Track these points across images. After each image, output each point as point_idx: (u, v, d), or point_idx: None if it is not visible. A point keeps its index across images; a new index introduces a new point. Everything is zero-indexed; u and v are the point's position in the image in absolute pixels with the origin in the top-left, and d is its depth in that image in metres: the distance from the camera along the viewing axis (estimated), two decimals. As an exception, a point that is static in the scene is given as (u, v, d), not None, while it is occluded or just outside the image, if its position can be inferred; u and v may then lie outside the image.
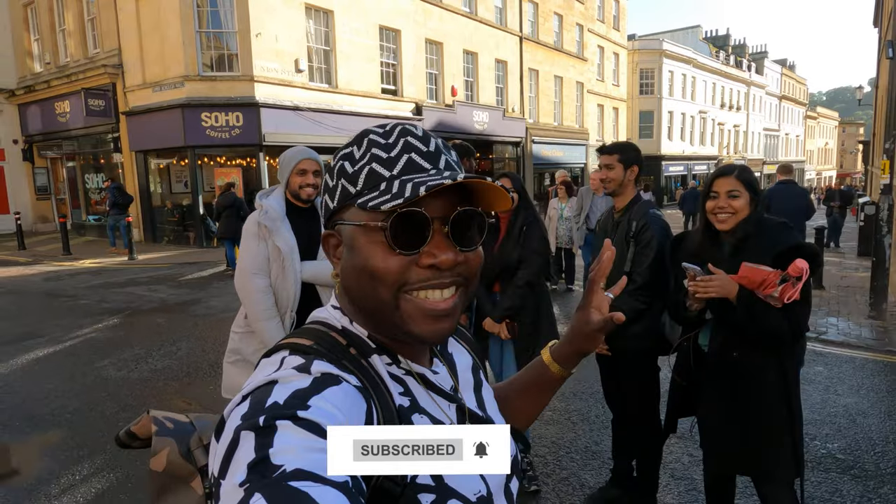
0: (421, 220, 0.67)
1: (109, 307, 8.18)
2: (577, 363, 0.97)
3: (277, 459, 0.52)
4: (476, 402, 0.84)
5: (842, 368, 5.25)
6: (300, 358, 0.66)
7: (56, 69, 17.66)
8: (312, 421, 0.56)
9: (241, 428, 0.56)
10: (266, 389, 0.60)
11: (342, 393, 0.62)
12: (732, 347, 2.21)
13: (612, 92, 32.51)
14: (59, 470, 3.58)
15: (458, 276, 0.71)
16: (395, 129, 0.74)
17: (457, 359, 0.88)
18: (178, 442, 0.78)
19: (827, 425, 4.05)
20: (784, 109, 56.71)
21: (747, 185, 2.17)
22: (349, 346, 0.72)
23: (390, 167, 0.71)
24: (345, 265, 0.73)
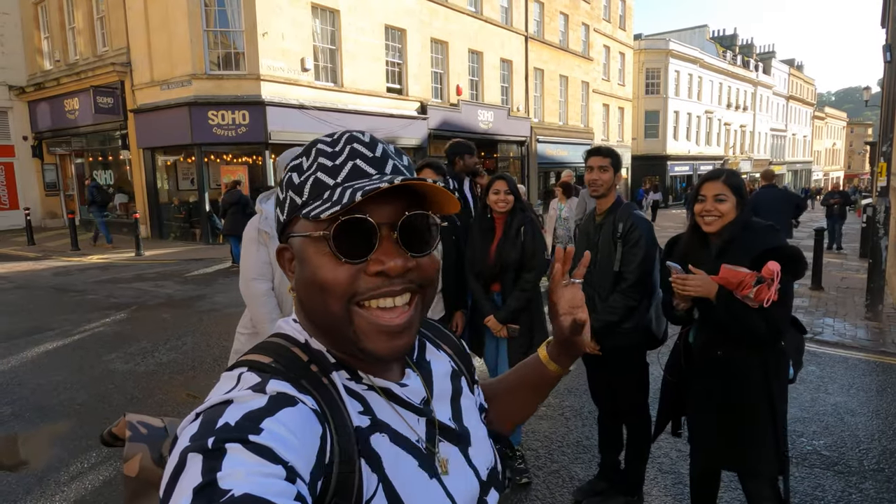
0: (366, 228, 0.66)
1: (117, 302, 8.33)
2: (572, 362, 0.96)
3: (225, 483, 0.51)
4: (451, 413, 0.82)
5: (834, 368, 5.33)
6: (257, 376, 0.64)
7: (66, 67, 17.87)
8: (264, 446, 0.55)
9: (189, 450, 0.54)
10: (219, 409, 0.59)
11: (298, 415, 0.60)
12: (716, 346, 2.31)
13: (618, 91, 32.50)
14: (68, 458, 3.71)
15: (411, 283, 0.69)
16: (342, 136, 0.73)
17: (434, 367, 0.85)
18: (151, 448, 0.78)
19: (815, 423, 4.14)
20: (791, 109, 56.45)
21: (734, 190, 2.25)
22: (310, 362, 0.70)
23: (335, 175, 0.69)
24: (297, 278, 0.71)
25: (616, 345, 2.94)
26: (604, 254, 2.99)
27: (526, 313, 3.26)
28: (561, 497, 3.22)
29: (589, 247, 3.08)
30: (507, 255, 3.25)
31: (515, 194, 3.33)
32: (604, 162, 2.98)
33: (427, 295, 0.73)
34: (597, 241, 3.03)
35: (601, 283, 2.99)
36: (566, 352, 0.93)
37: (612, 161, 3.00)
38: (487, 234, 3.35)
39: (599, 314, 2.95)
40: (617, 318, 2.89)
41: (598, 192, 3.01)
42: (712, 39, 47.15)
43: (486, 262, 3.30)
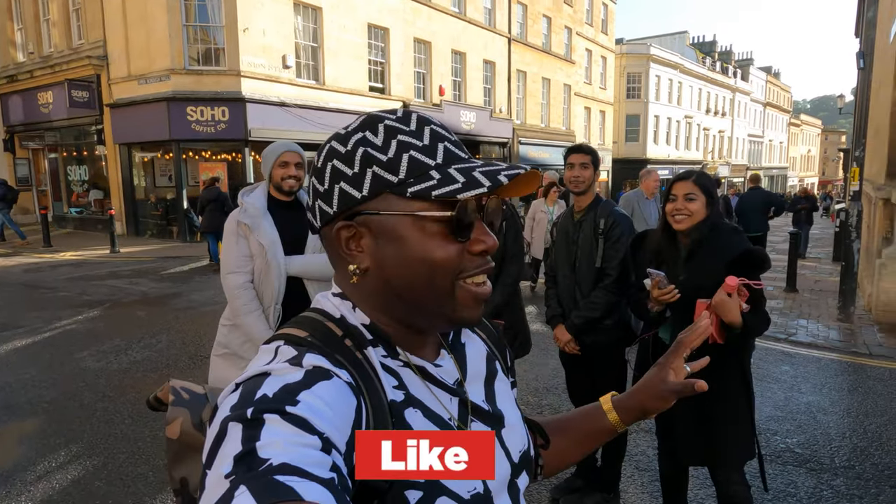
0: (472, 209, 0.70)
1: (90, 299, 8.16)
2: (636, 420, 0.95)
3: (264, 453, 0.52)
4: (485, 395, 0.83)
5: (807, 368, 5.42)
6: (293, 350, 0.66)
7: (39, 59, 17.49)
8: (300, 416, 0.56)
9: (230, 419, 0.56)
10: (257, 381, 0.60)
11: (333, 388, 0.62)
12: None
13: (600, 95, 32.79)
14: (35, 457, 3.61)
15: (491, 263, 0.76)
16: (410, 115, 0.74)
17: (469, 349, 0.86)
18: (192, 412, 0.82)
19: (788, 421, 4.20)
20: (768, 116, 57.52)
21: (703, 189, 2.29)
22: (344, 337, 0.71)
23: (431, 156, 0.71)
24: (381, 257, 0.71)
25: (597, 341, 2.95)
26: (584, 251, 3.00)
27: (508, 309, 3.25)
28: (538, 495, 3.21)
29: (568, 244, 3.09)
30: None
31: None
32: (584, 159, 3.00)
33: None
34: (577, 238, 3.05)
35: (582, 280, 3.00)
36: (643, 404, 0.93)
37: (593, 158, 3.02)
38: None
39: (581, 310, 2.96)
40: (599, 313, 2.91)
41: (579, 188, 3.02)
42: (692, 45, 47.85)
43: None
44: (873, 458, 3.63)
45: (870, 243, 8.84)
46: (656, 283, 2.26)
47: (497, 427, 0.81)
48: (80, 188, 18.01)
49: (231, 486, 0.51)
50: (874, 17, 7.15)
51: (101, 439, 3.83)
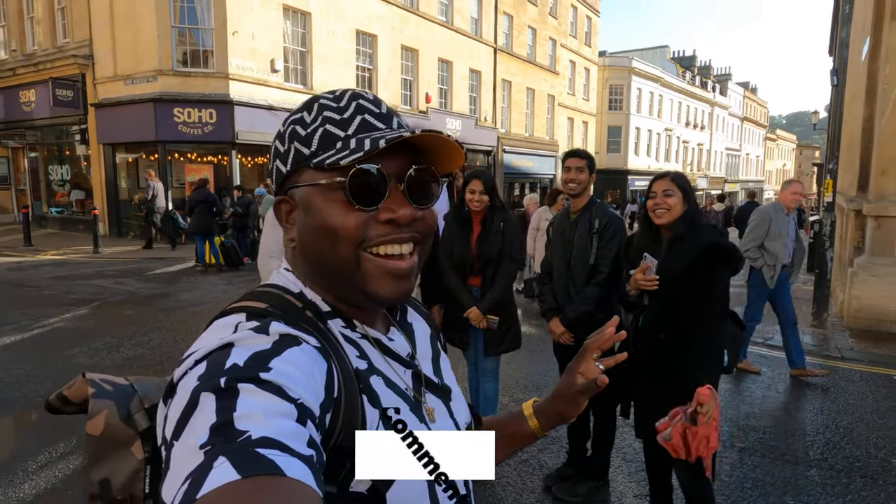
0: (378, 177, 0.69)
1: (76, 298, 8.12)
2: (555, 425, 0.97)
3: (242, 424, 0.50)
4: (433, 371, 0.85)
5: (784, 370, 5.64)
6: (256, 321, 0.64)
7: (23, 57, 17.28)
8: (275, 383, 0.55)
9: (201, 389, 0.54)
10: (223, 352, 0.58)
11: (302, 353, 0.61)
12: (661, 329, 2.51)
13: (583, 106, 33.31)
14: (35, 448, 3.65)
15: (416, 233, 0.73)
16: (345, 93, 0.76)
17: (416, 328, 0.89)
18: (118, 405, 0.74)
19: (766, 418, 4.41)
20: (745, 130, 58.85)
21: (679, 186, 2.51)
22: (304, 309, 0.72)
23: (344, 128, 0.72)
24: (301, 228, 0.73)
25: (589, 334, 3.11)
26: (579, 248, 3.17)
27: (503, 305, 3.40)
28: (531, 483, 3.35)
29: (564, 242, 3.25)
30: (489, 249, 3.38)
31: (492, 194, 3.46)
32: (581, 163, 3.18)
33: (426, 246, 0.77)
34: (572, 236, 3.22)
35: (577, 276, 3.17)
36: (559, 410, 0.94)
37: (589, 163, 3.21)
38: (465, 228, 3.48)
39: (575, 304, 3.12)
40: (592, 307, 3.07)
41: (574, 191, 3.19)
42: (672, 59, 48.84)
43: (469, 255, 3.42)
44: (844, 452, 3.84)
45: (842, 253, 9.21)
46: (644, 269, 2.46)
47: (446, 398, 0.84)
48: (60, 188, 17.78)
49: (208, 457, 0.48)
50: (847, 37, 7.50)
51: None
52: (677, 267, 2.41)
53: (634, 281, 2.53)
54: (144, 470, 0.72)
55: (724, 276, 2.45)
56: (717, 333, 2.44)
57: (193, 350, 0.61)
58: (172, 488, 0.49)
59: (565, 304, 3.20)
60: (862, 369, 5.76)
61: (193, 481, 0.47)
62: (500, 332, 3.42)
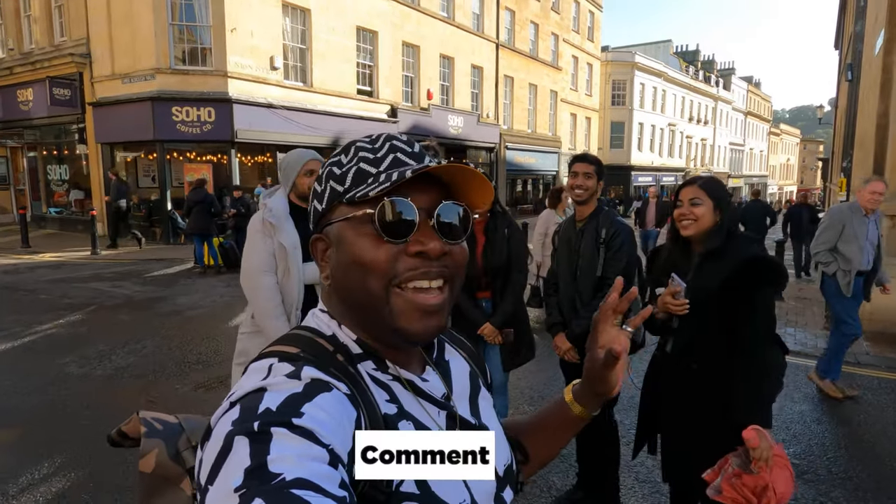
0: (408, 210, 0.69)
1: (71, 302, 7.96)
2: (600, 404, 0.93)
3: (276, 467, 0.51)
4: (470, 410, 0.83)
5: (798, 376, 5.44)
6: (289, 365, 0.65)
7: (20, 56, 17.12)
8: (307, 429, 0.56)
9: (234, 433, 0.55)
10: (256, 396, 0.59)
11: (334, 400, 0.62)
12: (693, 358, 2.25)
13: (585, 102, 33.05)
14: (17, 468, 3.48)
15: (445, 269, 0.72)
16: (381, 136, 0.78)
17: (453, 366, 0.87)
18: (167, 443, 0.77)
19: (783, 431, 4.21)
20: (749, 125, 58.46)
21: (709, 194, 2.22)
22: (336, 352, 0.71)
23: (377, 165, 0.73)
24: (334, 265, 0.74)
25: None
26: (586, 259, 2.97)
27: (515, 317, 3.20)
28: (539, 507, 3.17)
29: (570, 252, 3.05)
30: (496, 260, 3.18)
31: (494, 197, 3.26)
32: (588, 169, 2.97)
33: (456, 283, 0.75)
34: (578, 247, 3.02)
35: (583, 288, 2.97)
36: (594, 389, 0.90)
37: (597, 168, 2.99)
38: (469, 241, 3.28)
39: (581, 319, 2.92)
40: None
41: (581, 197, 2.98)
42: (676, 54, 48.50)
43: (475, 268, 3.22)
44: (870, 469, 3.64)
45: (854, 252, 8.96)
46: (672, 292, 2.20)
47: None
48: (60, 188, 17.64)
49: (243, 500, 0.49)
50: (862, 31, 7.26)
51: (86, 449, 3.69)
52: (711, 286, 2.12)
53: (662, 303, 2.23)
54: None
55: (768, 296, 2.14)
56: (764, 362, 2.09)
57: (231, 393, 0.63)
58: None
59: (571, 318, 3.00)
60: (880, 375, 5.55)
61: None
62: (515, 344, 3.23)
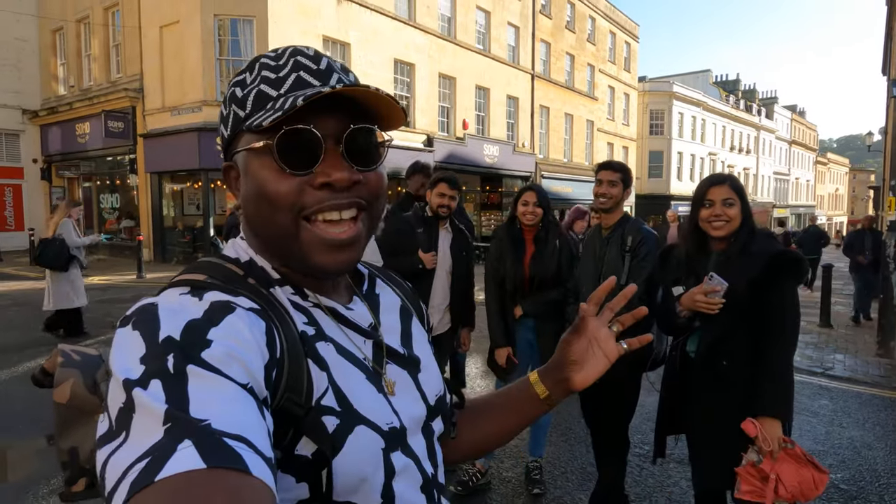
0: (311, 139, 0.64)
1: (113, 321, 8.21)
2: (562, 394, 0.89)
3: (198, 412, 0.48)
4: (401, 342, 0.81)
5: (847, 402, 5.16)
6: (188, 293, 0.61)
7: (79, 92, 18.20)
8: (217, 367, 0.52)
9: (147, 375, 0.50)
10: (150, 312, 0.56)
11: (237, 319, 0.58)
12: (720, 355, 2.18)
13: (623, 131, 32.88)
14: (47, 472, 3.54)
15: (358, 198, 0.69)
16: (286, 50, 0.71)
17: (382, 299, 0.84)
18: (84, 374, 0.74)
19: (831, 456, 3.96)
20: (794, 154, 56.95)
21: (739, 194, 2.21)
22: (247, 276, 0.68)
23: (278, 86, 0.68)
24: (243, 194, 0.70)
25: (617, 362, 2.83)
26: (610, 267, 2.90)
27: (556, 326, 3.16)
28: (565, 524, 3.05)
29: (594, 260, 2.99)
30: (543, 270, 3.15)
31: (545, 207, 3.23)
32: (614, 176, 2.92)
33: (374, 211, 0.72)
34: (603, 255, 2.96)
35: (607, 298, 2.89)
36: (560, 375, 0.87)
37: (623, 176, 2.95)
38: (519, 247, 3.26)
39: None
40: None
41: (605, 205, 2.94)
42: (715, 84, 47.98)
43: (521, 275, 3.20)
44: (926, 497, 3.39)
45: (908, 277, 8.53)
46: (709, 290, 2.13)
47: (413, 370, 0.79)
48: (111, 215, 18.45)
49: (170, 437, 0.45)
50: (906, 47, 7.05)
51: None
52: (739, 283, 2.09)
53: (692, 301, 2.16)
54: None
55: (794, 290, 2.13)
56: (788, 357, 2.08)
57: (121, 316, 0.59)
58: (125, 459, 0.46)
59: None
60: (939, 404, 5.20)
61: (153, 460, 0.44)
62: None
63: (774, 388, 2.02)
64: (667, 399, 2.45)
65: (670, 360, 2.45)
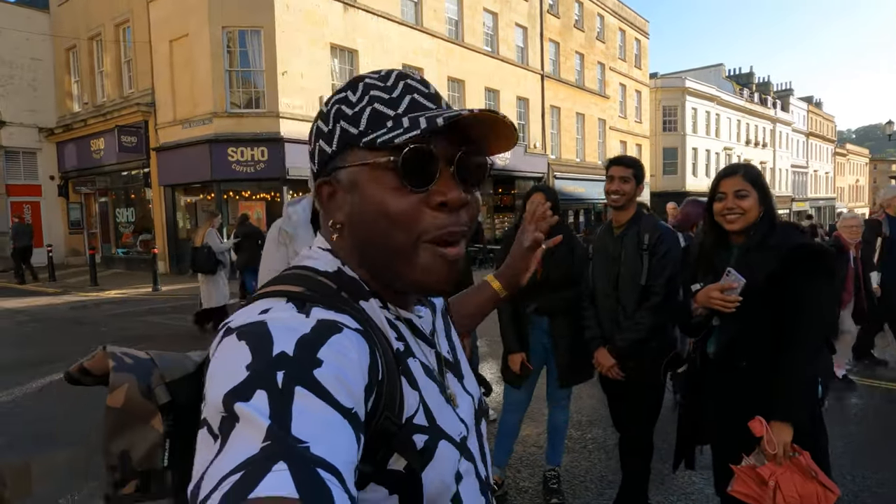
0: (430, 158, 0.66)
1: (127, 335, 8.26)
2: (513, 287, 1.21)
3: (300, 432, 0.49)
4: (448, 347, 0.85)
5: (878, 401, 4.95)
6: (293, 305, 0.62)
7: (93, 108, 18.44)
8: (328, 388, 0.53)
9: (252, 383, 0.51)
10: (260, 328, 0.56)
11: (346, 340, 0.59)
12: (740, 356, 2.06)
13: (635, 129, 32.57)
14: (69, 484, 3.52)
15: (466, 224, 0.72)
16: (391, 73, 0.73)
17: (436, 303, 0.88)
18: (139, 379, 0.73)
19: (860, 456, 3.79)
20: (812, 146, 56.03)
21: (754, 184, 2.09)
22: (339, 290, 0.69)
23: (394, 107, 0.69)
24: (351, 211, 0.70)
25: (639, 364, 2.72)
26: (627, 267, 2.79)
27: None
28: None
29: (608, 261, 2.88)
30: (556, 270, 3.05)
31: (555, 208, 3.12)
32: (626, 172, 2.81)
33: (468, 236, 0.75)
34: (619, 254, 2.84)
35: (626, 299, 2.78)
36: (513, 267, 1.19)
37: (635, 172, 2.83)
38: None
39: (625, 332, 2.73)
40: (644, 335, 2.68)
41: (618, 203, 2.83)
42: (728, 78, 47.39)
43: (533, 277, 3.10)
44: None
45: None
46: (725, 287, 2.01)
47: (460, 377, 0.83)
48: (126, 229, 18.65)
49: (265, 454, 0.46)
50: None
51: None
52: (757, 278, 1.97)
53: (707, 298, 2.06)
54: (164, 444, 0.71)
55: (822, 287, 1.99)
56: (806, 361, 1.95)
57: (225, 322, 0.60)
58: (222, 468, 0.47)
59: (613, 331, 2.81)
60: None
61: (247, 475, 0.45)
62: (577, 362, 3.06)
63: (789, 391, 1.92)
64: (688, 405, 2.33)
65: (691, 362, 2.34)
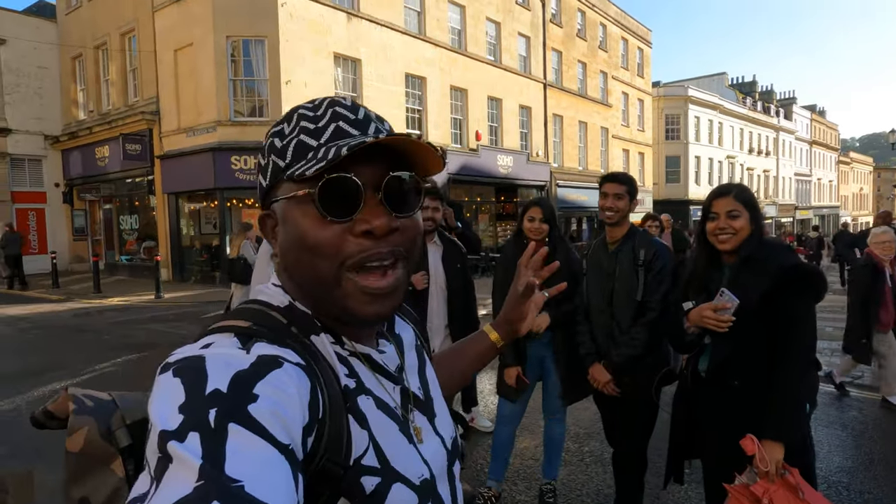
0: (351, 187, 0.65)
1: (129, 343, 8.27)
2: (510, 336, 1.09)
3: (234, 472, 0.48)
4: (419, 384, 0.82)
5: (878, 414, 4.94)
6: (237, 340, 0.61)
7: (98, 116, 18.56)
8: (263, 425, 0.52)
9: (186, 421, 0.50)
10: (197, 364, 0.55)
11: (286, 375, 0.58)
12: (732, 374, 2.07)
13: (638, 137, 32.60)
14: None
15: (397, 248, 0.69)
16: (323, 101, 0.73)
17: (403, 338, 0.86)
18: (98, 421, 0.73)
19: (861, 472, 3.77)
20: (815, 154, 55.95)
21: (746, 205, 2.11)
22: (290, 324, 0.68)
23: (318, 136, 0.69)
24: (282, 242, 0.71)
25: (634, 380, 2.73)
26: (623, 283, 2.80)
27: None
28: (580, 551, 2.93)
29: (602, 278, 2.89)
30: (552, 284, 3.05)
31: (551, 223, 3.14)
32: (619, 189, 2.84)
33: (411, 258, 0.73)
34: (613, 270, 2.85)
35: (621, 313, 2.80)
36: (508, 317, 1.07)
37: (629, 188, 2.86)
38: None
39: (620, 348, 2.74)
40: (640, 351, 2.69)
41: (612, 219, 2.85)
42: (731, 86, 47.43)
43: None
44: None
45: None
46: (718, 307, 2.02)
47: (431, 415, 0.80)
48: (130, 236, 18.73)
49: (199, 495, 0.46)
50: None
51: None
52: (751, 298, 1.99)
53: (700, 318, 2.08)
54: (126, 489, 0.69)
55: (811, 307, 2.01)
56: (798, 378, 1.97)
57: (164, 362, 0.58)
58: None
59: (609, 347, 2.82)
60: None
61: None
62: (575, 378, 3.07)
63: (781, 408, 1.94)
64: (679, 420, 2.35)
65: (682, 382, 2.35)
